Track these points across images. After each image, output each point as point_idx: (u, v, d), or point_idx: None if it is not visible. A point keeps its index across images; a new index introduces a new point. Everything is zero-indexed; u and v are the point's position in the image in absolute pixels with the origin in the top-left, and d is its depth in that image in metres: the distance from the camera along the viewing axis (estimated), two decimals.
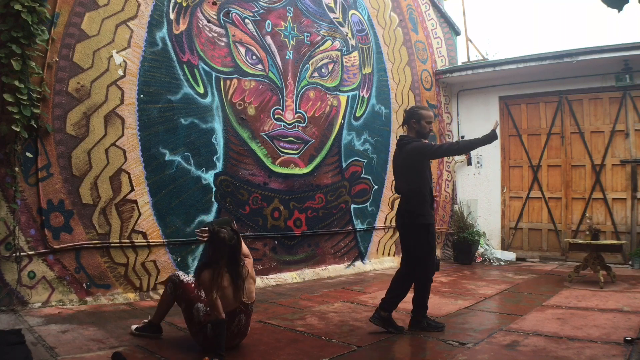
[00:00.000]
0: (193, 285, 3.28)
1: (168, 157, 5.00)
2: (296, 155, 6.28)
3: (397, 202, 4.22)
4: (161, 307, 3.38)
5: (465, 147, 3.70)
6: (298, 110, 6.31)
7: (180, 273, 3.39)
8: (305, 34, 6.48)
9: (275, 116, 6.05)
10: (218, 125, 5.46)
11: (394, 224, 4.36)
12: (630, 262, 7.06)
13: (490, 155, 8.62)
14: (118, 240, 4.60)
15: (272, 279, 5.83)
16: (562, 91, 8.00)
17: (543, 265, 7.57)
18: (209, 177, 5.35)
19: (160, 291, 4.83)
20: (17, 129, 3.86)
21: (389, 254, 7.60)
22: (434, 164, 8.47)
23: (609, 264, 5.82)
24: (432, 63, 8.75)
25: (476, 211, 8.53)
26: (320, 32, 6.67)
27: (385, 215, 7.49)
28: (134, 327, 3.46)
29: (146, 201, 4.82)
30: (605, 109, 7.69)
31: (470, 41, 9.37)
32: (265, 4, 6.03)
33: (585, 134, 7.85)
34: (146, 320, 3.47)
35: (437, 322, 3.80)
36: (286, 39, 6.22)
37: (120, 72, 4.67)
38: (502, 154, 8.58)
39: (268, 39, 6.02)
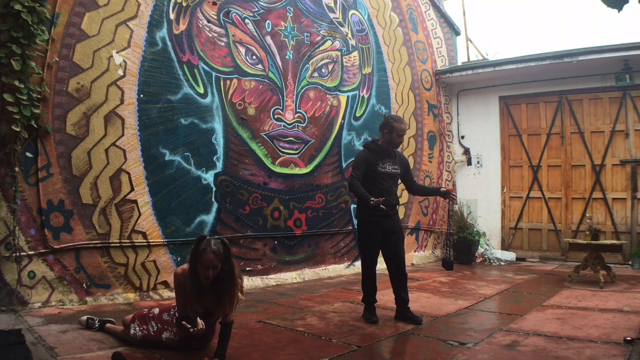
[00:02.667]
0: (151, 332, 3.10)
1: (168, 157, 5.00)
2: (296, 155, 6.28)
3: None
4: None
5: (353, 189, 3.95)
6: (298, 110, 6.31)
7: (131, 331, 3.13)
8: (305, 34, 6.48)
9: (275, 116, 6.05)
10: (218, 125, 5.46)
11: None
12: (630, 262, 7.06)
13: (490, 155, 8.63)
14: (118, 240, 4.60)
15: (272, 279, 5.83)
16: (562, 91, 8.00)
17: (543, 265, 7.57)
18: (209, 177, 5.35)
19: (161, 291, 4.85)
20: (17, 129, 3.86)
21: None
22: (434, 163, 8.48)
23: (609, 264, 5.82)
24: (432, 63, 8.75)
25: (476, 211, 8.53)
26: (320, 32, 6.67)
27: None
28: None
29: (146, 201, 4.82)
30: (605, 109, 7.69)
31: (470, 41, 9.37)
32: (265, 4, 6.03)
33: (585, 134, 7.85)
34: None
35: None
36: (286, 39, 6.22)
37: (120, 72, 4.67)
38: (502, 154, 8.58)
39: (268, 39, 6.02)
